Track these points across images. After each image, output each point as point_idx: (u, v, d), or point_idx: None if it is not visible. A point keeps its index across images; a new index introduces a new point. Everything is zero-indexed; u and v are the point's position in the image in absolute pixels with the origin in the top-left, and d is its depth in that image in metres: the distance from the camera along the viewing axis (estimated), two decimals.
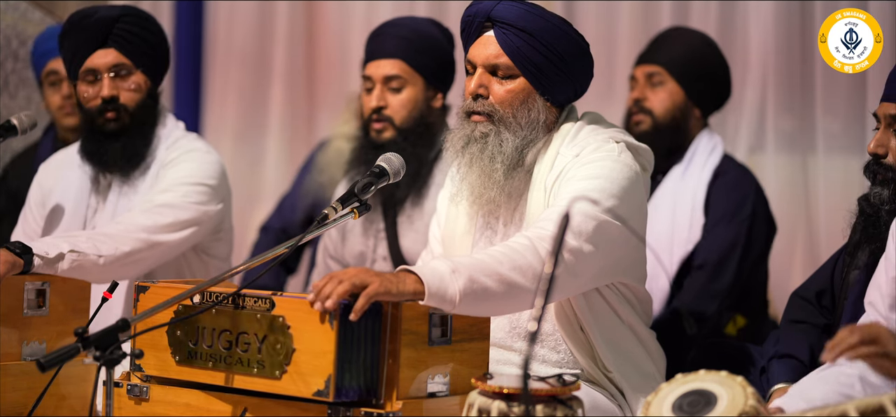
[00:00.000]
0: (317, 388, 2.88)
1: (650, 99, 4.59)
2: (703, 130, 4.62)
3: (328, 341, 2.87)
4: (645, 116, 4.58)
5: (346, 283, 2.87)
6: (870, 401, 2.56)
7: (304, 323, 2.91)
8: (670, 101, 4.58)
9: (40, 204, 4.15)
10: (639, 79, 4.65)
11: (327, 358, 2.87)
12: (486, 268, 3.03)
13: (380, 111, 4.29)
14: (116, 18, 3.99)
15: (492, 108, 3.37)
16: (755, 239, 4.48)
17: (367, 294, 2.87)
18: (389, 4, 6.00)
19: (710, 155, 4.57)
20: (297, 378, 2.91)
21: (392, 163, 3.28)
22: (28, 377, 3.31)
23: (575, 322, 3.35)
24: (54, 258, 3.55)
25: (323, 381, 2.88)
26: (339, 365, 2.87)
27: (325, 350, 2.87)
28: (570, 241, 3.15)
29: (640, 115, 4.60)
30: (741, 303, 4.55)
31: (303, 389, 2.91)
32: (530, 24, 3.33)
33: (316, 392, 2.88)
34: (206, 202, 3.98)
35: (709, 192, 4.51)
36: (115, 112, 3.99)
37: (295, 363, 2.92)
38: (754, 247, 4.48)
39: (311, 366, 2.89)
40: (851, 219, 3.37)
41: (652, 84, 4.61)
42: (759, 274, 4.59)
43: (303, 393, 2.91)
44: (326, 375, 2.87)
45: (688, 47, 4.63)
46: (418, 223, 4.31)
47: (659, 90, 4.59)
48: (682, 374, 2.76)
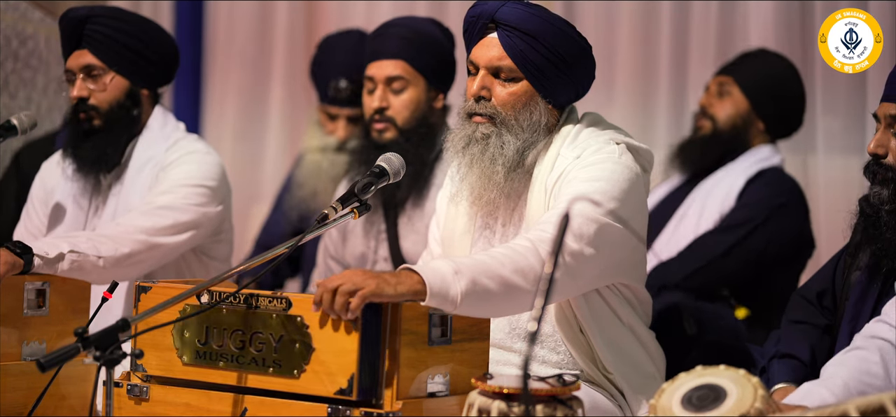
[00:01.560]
0: (339, 387, 2.89)
1: (715, 106, 4.75)
2: (766, 144, 4.72)
3: (351, 340, 2.88)
4: (707, 121, 4.75)
5: (349, 287, 2.87)
6: (870, 401, 2.56)
7: (322, 322, 2.92)
8: (733, 110, 4.72)
9: (43, 201, 4.15)
10: (711, 88, 4.81)
11: (350, 357, 2.88)
12: (488, 270, 3.03)
13: (382, 111, 4.29)
14: (84, 19, 3.97)
15: (494, 111, 3.37)
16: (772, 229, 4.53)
17: (362, 295, 2.87)
18: (389, 4, 6.00)
19: (763, 160, 4.68)
20: (317, 377, 2.92)
21: (392, 163, 3.28)
22: (28, 377, 3.31)
23: (574, 323, 3.35)
24: (54, 258, 3.55)
25: (346, 380, 2.88)
26: (361, 364, 2.88)
27: (348, 349, 2.88)
28: (571, 243, 3.15)
29: (704, 120, 4.77)
30: (743, 294, 4.57)
31: (326, 388, 2.91)
32: (534, 26, 3.32)
33: (338, 391, 2.89)
34: (206, 204, 3.98)
35: (746, 185, 4.62)
36: (84, 113, 3.98)
37: (315, 362, 2.93)
38: (768, 236, 4.52)
39: (334, 365, 2.90)
40: (852, 220, 3.37)
41: (720, 93, 4.76)
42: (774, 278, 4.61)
43: (325, 392, 2.92)
44: (349, 374, 2.88)
45: (767, 65, 4.79)
46: (419, 224, 4.31)
47: (725, 99, 4.74)
48: (701, 367, 2.77)
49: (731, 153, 4.69)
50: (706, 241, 4.54)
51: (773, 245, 4.55)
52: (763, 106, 4.70)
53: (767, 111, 4.71)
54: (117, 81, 4.00)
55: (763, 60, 4.82)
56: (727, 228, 4.54)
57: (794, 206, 4.61)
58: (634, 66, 5.66)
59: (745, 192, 4.61)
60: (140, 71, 4.03)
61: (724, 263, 4.50)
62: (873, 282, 3.25)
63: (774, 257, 4.56)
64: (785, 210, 4.58)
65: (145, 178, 4.00)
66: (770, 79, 4.74)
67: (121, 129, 4.01)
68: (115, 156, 4.02)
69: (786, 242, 4.59)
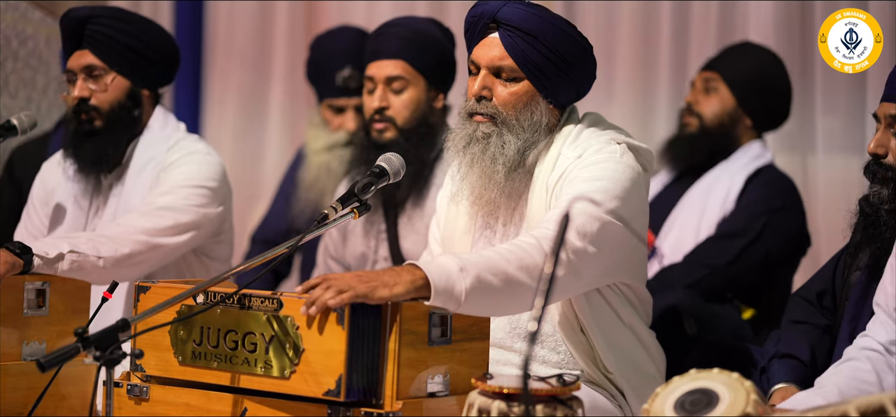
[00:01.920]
0: (328, 388, 2.89)
1: (701, 103, 4.72)
2: (755, 140, 4.70)
3: (339, 341, 2.87)
4: (693, 119, 4.71)
5: (333, 291, 2.87)
6: (870, 401, 2.56)
7: (312, 322, 2.91)
8: (720, 107, 4.69)
9: (44, 202, 4.15)
10: (697, 84, 4.77)
11: (338, 358, 2.88)
12: (493, 267, 3.02)
13: (382, 111, 4.29)
14: (86, 19, 3.96)
15: (495, 111, 3.37)
16: (772, 233, 4.52)
17: (349, 295, 2.86)
18: (389, 4, 6.00)
19: (756, 158, 4.66)
20: (306, 377, 2.92)
21: (392, 163, 3.28)
22: (28, 377, 3.31)
23: (575, 323, 3.35)
24: (54, 258, 3.55)
25: (334, 381, 2.88)
26: (349, 365, 2.87)
27: (336, 349, 2.88)
28: (573, 242, 3.15)
29: (690, 117, 4.73)
30: (747, 296, 4.57)
31: (313, 389, 2.91)
32: (535, 27, 3.32)
33: (326, 392, 2.89)
34: (206, 205, 3.98)
35: (744, 187, 4.60)
36: (85, 113, 3.98)
37: (304, 362, 2.92)
38: (769, 240, 4.51)
39: (322, 366, 2.89)
40: (852, 220, 3.37)
41: (706, 89, 4.72)
42: (776, 278, 4.61)
43: (313, 393, 2.91)
44: (337, 375, 2.87)
45: (752, 60, 4.75)
46: (419, 224, 4.31)
47: (712, 96, 4.71)
48: (695, 370, 2.77)
49: (722, 152, 4.67)
50: (710, 249, 4.51)
51: (775, 246, 4.54)
52: (749, 101, 4.67)
53: (754, 106, 4.68)
54: (118, 82, 3.99)
55: (749, 54, 4.78)
56: (731, 235, 4.51)
57: (792, 206, 4.60)
58: (634, 65, 5.66)
59: (744, 194, 4.60)
60: (141, 71, 4.02)
61: (730, 269, 4.48)
62: (873, 282, 3.24)
63: (777, 258, 4.57)
64: (784, 212, 4.57)
65: (146, 179, 4.00)
66: (756, 74, 4.70)
67: (122, 130, 4.01)
68: (116, 156, 4.02)
69: (786, 242, 4.60)
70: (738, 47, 4.87)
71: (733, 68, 4.71)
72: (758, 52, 4.81)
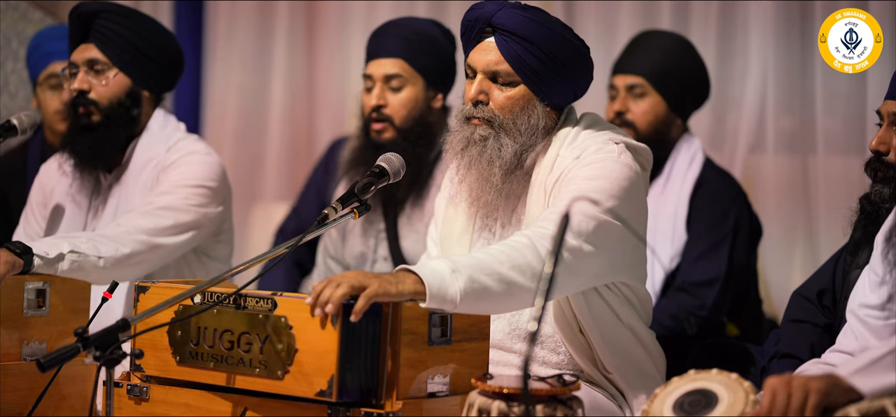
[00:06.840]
0: (320, 388, 2.88)
1: (633, 111, 4.57)
2: (682, 138, 4.60)
3: (331, 341, 2.87)
4: (627, 129, 4.50)
5: (344, 286, 2.87)
6: (870, 401, 2.57)
7: (306, 323, 2.91)
8: (653, 114, 4.57)
9: (42, 204, 4.15)
10: (619, 90, 4.61)
11: (330, 359, 2.87)
12: (485, 267, 3.03)
13: (379, 109, 4.29)
14: (95, 13, 3.97)
15: (492, 115, 3.37)
16: (739, 254, 4.45)
17: (367, 295, 2.86)
18: (389, 4, 6.00)
19: (689, 166, 4.55)
20: (299, 378, 2.91)
21: (392, 163, 3.28)
22: (28, 377, 3.31)
23: (574, 324, 3.35)
24: (54, 258, 3.55)
25: (326, 381, 2.88)
26: (341, 365, 2.87)
27: (328, 350, 2.87)
28: (571, 241, 3.15)
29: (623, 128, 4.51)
30: (732, 313, 4.54)
31: (305, 389, 2.91)
32: (531, 31, 3.32)
33: (318, 393, 2.88)
34: (206, 204, 3.98)
35: (690, 207, 4.48)
36: (84, 106, 3.98)
37: (297, 363, 2.92)
38: (738, 262, 4.45)
39: (314, 367, 2.89)
40: (852, 218, 3.37)
41: (634, 95, 4.58)
42: (749, 279, 4.57)
43: (305, 393, 2.91)
44: (329, 375, 2.87)
45: (665, 54, 4.61)
46: (418, 224, 4.31)
47: (641, 102, 4.57)
48: (694, 370, 2.77)
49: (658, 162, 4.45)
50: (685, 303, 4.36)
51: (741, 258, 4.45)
52: (678, 99, 4.55)
53: (682, 101, 4.57)
54: (120, 79, 4.00)
55: (659, 47, 4.63)
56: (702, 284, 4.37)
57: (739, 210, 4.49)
58: None
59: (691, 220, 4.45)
60: (143, 72, 4.02)
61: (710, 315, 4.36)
62: None
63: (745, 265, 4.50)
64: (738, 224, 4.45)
65: (146, 179, 4.00)
66: (674, 67, 4.56)
67: (119, 128, 4.01)
68: (114, 155, 4.02)
69: (749, 249, 4.53)
70: (644, 40, 4.70)
71: (654, 66, 4.56)
72: (666, 41, 4.68)
